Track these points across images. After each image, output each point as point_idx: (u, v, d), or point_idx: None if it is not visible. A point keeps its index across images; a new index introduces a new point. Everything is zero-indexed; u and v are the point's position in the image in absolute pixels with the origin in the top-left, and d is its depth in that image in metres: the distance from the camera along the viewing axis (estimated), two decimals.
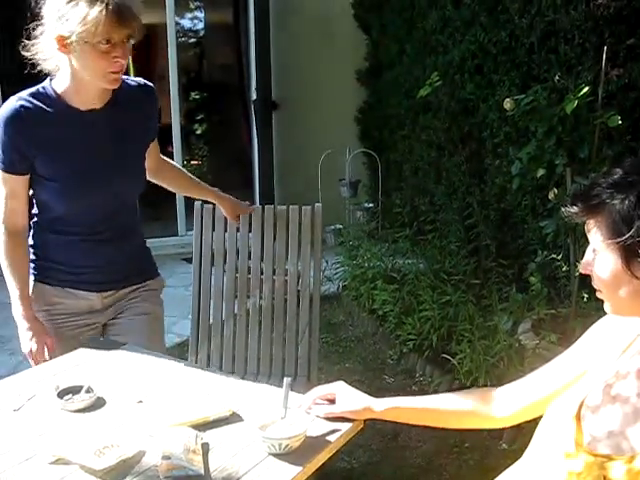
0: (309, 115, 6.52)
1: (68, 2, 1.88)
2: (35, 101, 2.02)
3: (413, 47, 5.79)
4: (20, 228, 2.14)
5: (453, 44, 5.15)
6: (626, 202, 1.17)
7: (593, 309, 3.38)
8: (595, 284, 1.29)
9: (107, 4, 1.84)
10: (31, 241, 2.21)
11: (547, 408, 1.46)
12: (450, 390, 3.64)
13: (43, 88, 2.06)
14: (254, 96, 6.50)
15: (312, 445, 1.51)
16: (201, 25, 8.27)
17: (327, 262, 5.09)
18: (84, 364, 1.96)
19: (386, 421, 1.69)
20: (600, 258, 1.24)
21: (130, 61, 2.09)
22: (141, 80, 2.26)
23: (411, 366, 4.04)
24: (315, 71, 6.50)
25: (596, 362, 1.43)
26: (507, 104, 3.48)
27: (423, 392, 3.65)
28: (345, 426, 1.60)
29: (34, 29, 1.97)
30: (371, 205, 6.32)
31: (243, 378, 1.87)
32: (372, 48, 6.67)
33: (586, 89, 3.17)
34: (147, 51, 8.82)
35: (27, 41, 1.99)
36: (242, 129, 7.04)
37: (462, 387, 3.60)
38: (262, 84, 6.39)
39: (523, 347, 3.48)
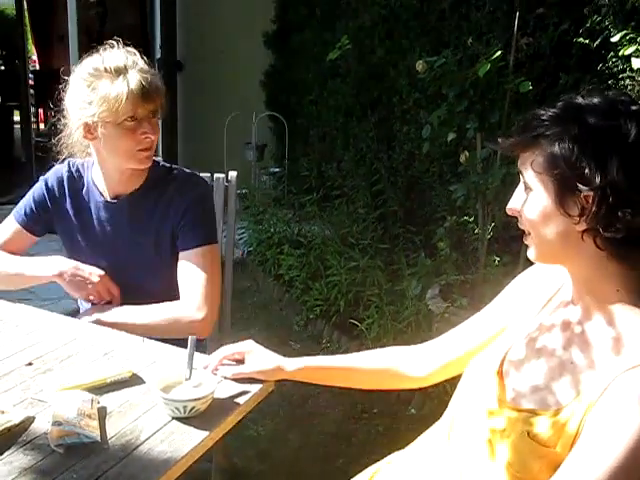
0: (215, 77, 6.32)
1: (88, 86, 1.80)
2: (75, 177, 2.02)
3: (323, 10, 5.68)
4: None
5: (364, 8, 5.07)
6: (566, 135, 1.11)
7: (501, 274, 3.40)
8: (523, 225, 1.23)
9: (128, 80, 1.76)
10: None
11: (467, 365, 1.41)
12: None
13: (86, 168, 2.03)
14: (158, 55, 6.24)
15: (219, 408, 1.40)
16: None
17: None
18: None
19: (295, 384, 1.60)
20: (532, 195, 1.17)
21: (27, 20, 1.94)
22: (189, 176, 2.04)
23: (318, 332, 3.98)
24: (221, 32, 6.28)
25: (517, 316, 1.38)
26: (419, 66, 3.43)
27: None
28: (255, 387, 1.49)
29: (58, 120, 1.92)
30: (277, 170, 6.21)
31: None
32: (280, 10, 6.52)
33: (499, 53, 3.15)
34: (46, 10, 8.36)
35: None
36: None
37: None
38: (167, 43, 6.16)
39: (431, 312, 3.47)
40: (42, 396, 1.42)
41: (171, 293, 1.90)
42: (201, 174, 2.39)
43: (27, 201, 2.05)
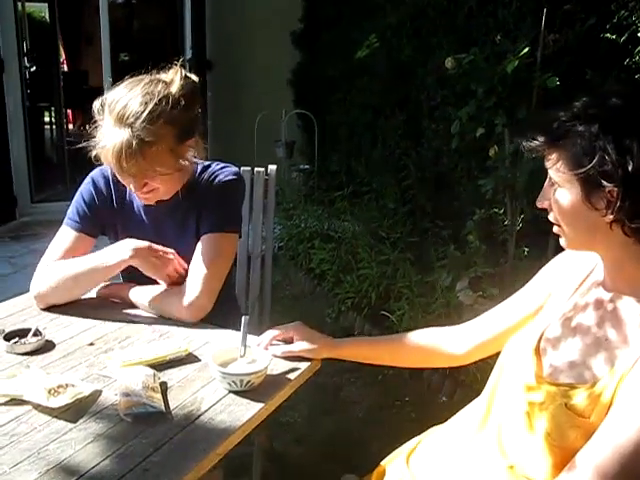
0: (244, 76, 6.44)
1: (100, 115, 1.79)
2: (110, 184, 1.99)
3: (351, 9, 5.76)
4: None
5: (392, 7, 5.13)
6: (587, 134, 1.18)
7: (528, 266, 3.46)
8: (552, 218, 1.31)
9: (115, 138, 1.70)
10: None
11: (505, 344, 1.49)
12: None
13: None
14: (189, 55, 6.37)
15: (272, 383, 1.50)
16: None
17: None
18: (30, 308, 1.89)
19: (328, 373, 1.69)
20: (560, 191, 1.25)
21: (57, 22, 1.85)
22: (221, 168, 1.99)
23: (349, 324, 4.07)
24: (250, 32, 6.41)
25: (553, 297, 1.46)
26: (448, 63, 3.51)
27: None
28: (303, 365, 1.60)
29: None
30: (307, 166, 6.29)
31: None
32: (308, 10, 6.61)
33: (526, 49, 3.21)
34: (74, 12, 8.54)
35: None
36: None
37: None
38: (196, 44, 6.28)
39: (461, 304, 3.54)
40: (106, 372, 1.53)
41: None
42: (242, 168, 2.48)
43: (77, 204, 2.00)
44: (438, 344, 1.65)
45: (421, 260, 4.13)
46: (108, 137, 1.71)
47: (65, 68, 9.81)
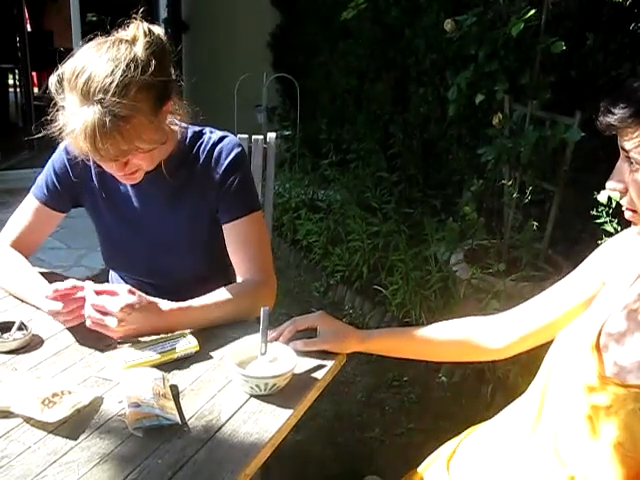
0: (221, 39, 6.15)
1: (61, 91, 1.50)
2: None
3: None
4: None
5: None
6: None
7: (528, 239, 3.32)
8: (627, 203, 1.14)
9: (84, 119, 1.43)
10: None
11: (549, 337, 1.33)
12: (383, 322, 3.55)
13: None
14: (164, 15, 6.06)
15: (297, 383, 1.32)
16: None
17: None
18: (12, 297, 1.67)
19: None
20: None
21: None
22: (221, 138, 1.76)
23: (339, 298, 3.91)
24: None
25: (608, 287, 1.30)
26: (447, 25, 3.31)
27: (355, 324, 3.53)
28: (329, 361, 1.41)
29: None
30: (288, 133, 6.06)
31: None
32: None
33: (532, 11, 3.03)
34: None
35: None
36: None
37: (394, 319, 3.51)
38: (172, 3, 5.99)
39: (457, 278, 3.40)
40: (105, 374, 1.34)
41: (204, 279, 1.71)
42: (238, 136, 2.29)
43: (47, 174, 1.80)
44: (475, 336, 1.48)
45: (414, 232, 3.98)
46: (75, 119, 1.45)
47: (28, 28, 9.42)
